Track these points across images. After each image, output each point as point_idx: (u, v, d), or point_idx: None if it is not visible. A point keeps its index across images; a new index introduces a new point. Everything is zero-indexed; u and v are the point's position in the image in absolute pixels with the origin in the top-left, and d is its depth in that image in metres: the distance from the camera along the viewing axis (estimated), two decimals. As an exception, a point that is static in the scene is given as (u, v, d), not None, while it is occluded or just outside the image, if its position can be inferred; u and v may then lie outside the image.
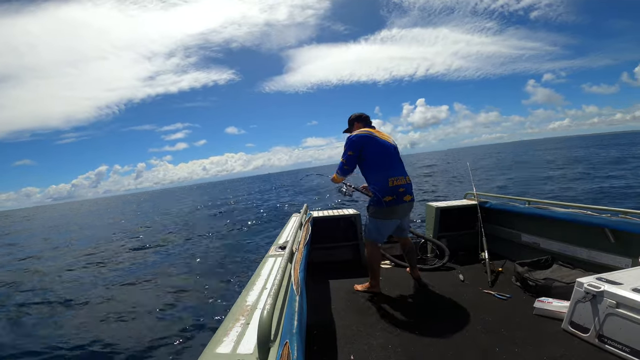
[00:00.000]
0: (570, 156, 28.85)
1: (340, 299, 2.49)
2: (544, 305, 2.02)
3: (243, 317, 1.06)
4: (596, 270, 2.14)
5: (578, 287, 1.78)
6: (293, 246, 1.74)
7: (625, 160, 19.57)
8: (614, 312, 1.58)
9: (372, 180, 2.40)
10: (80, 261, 8.27)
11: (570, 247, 2.64)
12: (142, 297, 4.96)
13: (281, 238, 2.35)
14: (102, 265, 7.44)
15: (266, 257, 1.81)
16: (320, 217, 3.35)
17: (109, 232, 14.46)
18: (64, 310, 4.80)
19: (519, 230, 3.13)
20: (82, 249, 10.26)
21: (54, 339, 3.80)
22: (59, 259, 9.11)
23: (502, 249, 3.25)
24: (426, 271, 2.98)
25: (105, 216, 27.96)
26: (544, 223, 2.87)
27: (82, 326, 4.12)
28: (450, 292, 2.51)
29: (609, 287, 1.65)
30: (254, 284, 1.39)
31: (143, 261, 7.53)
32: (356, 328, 2.04)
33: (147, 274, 6.27)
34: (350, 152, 2.40)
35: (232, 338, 0.93)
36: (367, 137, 2.39)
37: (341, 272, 3.05)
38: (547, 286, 2.25)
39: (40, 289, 6.04)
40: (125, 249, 9.33)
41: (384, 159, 2.38)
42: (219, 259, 6.80)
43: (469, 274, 2.82)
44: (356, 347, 1.83)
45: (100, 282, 6.02)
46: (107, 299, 5.06)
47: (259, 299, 1.21)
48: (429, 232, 3.54)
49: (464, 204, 3.52)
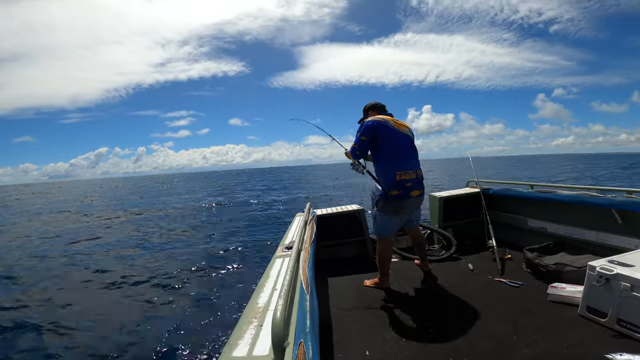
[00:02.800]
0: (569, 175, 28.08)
1: (350, 295, 2.48)
2: (557, 291, 2.00)
3: (256, 319, 1.06)
4: (605, 253, 2.12)
5: (590, 271, 1.76)
6: (299, 245, 1.73)
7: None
8: (630, 295, 1.56)
9: (380, 172, 2.34)
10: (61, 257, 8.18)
11: (577, 230, 2.62)
12: (143, 303, 4.94)
13: (287, 238, 2.33)
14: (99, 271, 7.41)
15: (274, 258, 1.80)
16: (324, 215, 3.33)
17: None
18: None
19: (524, 215, 3.11)
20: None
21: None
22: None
23: (509, 236, 3.22)
24: (434, 262, 2.96)
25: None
26: (549, 206, 2.84)
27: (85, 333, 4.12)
28: (460, 282, 2.49)
29: (622, 269, 1.63)
30: (264, 285, 1.38)
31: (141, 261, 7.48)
32: (368, 323, 2.02)
33: (145, 275, 6.22)
34: (362, 137, 2.33)
35: (247, 340, 0.93)
36: (381, 124, 2.31)
37: (348, 268, 3.04)
38: (558, 271, 2.23)
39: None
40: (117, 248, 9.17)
41: (395, 150, 2.31)
42: (225, 259, 6.78)
43: (478, 263, 2.80)
44: (370, 342, 1.81)
45: (94, 287, 5.97)
46: (105, 303, 5.02)
47: (270, 300, 1.21)
48: (433, 223, 3.53)
49: (467, 192, 3.50)
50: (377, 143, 2.32)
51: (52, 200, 30.69)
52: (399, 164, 2.27)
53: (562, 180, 20.36)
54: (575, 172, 30.31)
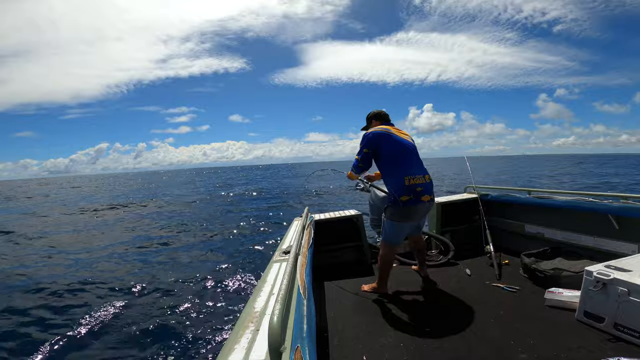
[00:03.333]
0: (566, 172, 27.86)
1: (347, 300, 2.47)
2: (554, 296, 2.00)
3: (252, 323, 1.06)
4: (602, 258, 2.12)
5: (587, 276, 1.76)
6: (297, 250, 1.72)
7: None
8: (627, 299, 1.56)
9: (388, 179, 2.33)
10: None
11: (574, 236, 2.63)
12: (142, 307, 4.89)
13: (284, 243, 2.33)
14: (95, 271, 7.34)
15: (271, 262, 1.79)
16: (322, 220, 3.33)
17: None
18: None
19: (522, 221, 3.12)
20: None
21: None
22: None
23: (506, 241, 3.23)
24: (432, 267, 2.96)
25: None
26: (547, 212, 2.86)
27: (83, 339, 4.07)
28: (458, 287, 2.49)
29: (619, 274, 1.63)
30: (261, 290, 1.38)
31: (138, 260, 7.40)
32: (366, 328, 2.01)
33: (142, 275, 6.15)
34: (365, 150, 2.32)
35: (243, 345, 0.92)
36: (383, 134, 2.30)
37: (346, 273, 3.03)
38: (555, 276, 2.23)
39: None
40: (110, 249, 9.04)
41: (401, 157, 2.28)
42: (223, 261, 6.73)
43: (475, 268, 2.81)
44: (368, 347, 1.80)
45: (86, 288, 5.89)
46: (103, 308, 4.96)
47: (267, 305, 1.20)
48: (431, 228, 3.53)
49: (465, 197, 3.51)
50: (380, 153, 2.31)
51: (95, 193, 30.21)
52: (407, 170, 2.24)
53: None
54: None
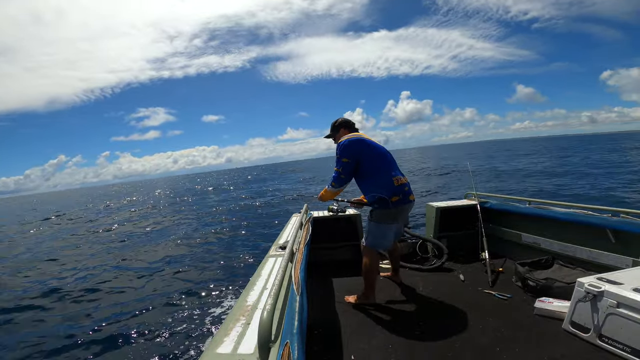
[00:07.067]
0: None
1: (340, 299, 2.49)
2: (544, 305, 2.02)
3: (244, 317, 1.06)
4: (597, 270, 2.14)
5: (579, 287, 1.77)
6: (293, 246, 1.74)
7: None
8: (615, 312, 1.58)
9: (375, 182, 2.23)
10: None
11: (570, 247, 2.64)
12: (137, 298, 4.94)
13: (281, 238, 2.35)
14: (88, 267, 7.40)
15: (266, 257, 1.81)
16: (321, 217, 3.35)
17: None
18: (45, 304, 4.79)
19: (519, 230, 3.13)
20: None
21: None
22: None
23: (503, 249, 3.24)
24: (426, 271, 2.97)
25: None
26: (545, 223, 2.87)
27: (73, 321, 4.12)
28: (450, 292, 2.50)
29: (610, 287, 1.65)
30: (255, 284, 1.39)
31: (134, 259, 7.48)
32: (357, 328, 2.04)
33: (138, 273, 6.22)
34: (345, 159, 2.20)
35: (232, 338, 0.93)
36: (361, 140, 2.24)
37: (341, 271, 3.05)
38: (547, 286, 2.24)
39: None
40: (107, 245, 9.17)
41: (383, 159, 2.26)
42: (217, 258, 6.78)
43: (469, 274, 2.82)
44: (357, 346, 1.83)
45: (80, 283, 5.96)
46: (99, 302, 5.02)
47: (260, 299, 1.21)
48: (429, 232, 3.54)
49: (464, 204, 3.52)
50: (362, 159, 2.22)
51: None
52: (390, 171, 2.24)
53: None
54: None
